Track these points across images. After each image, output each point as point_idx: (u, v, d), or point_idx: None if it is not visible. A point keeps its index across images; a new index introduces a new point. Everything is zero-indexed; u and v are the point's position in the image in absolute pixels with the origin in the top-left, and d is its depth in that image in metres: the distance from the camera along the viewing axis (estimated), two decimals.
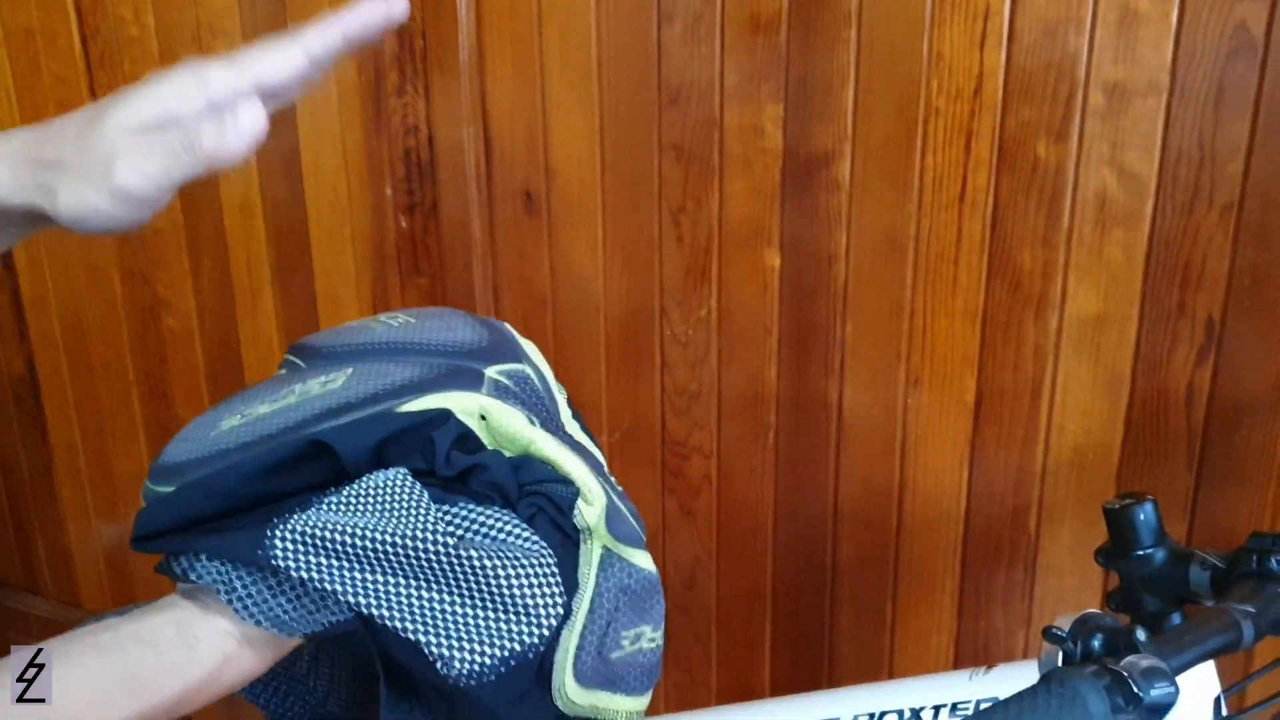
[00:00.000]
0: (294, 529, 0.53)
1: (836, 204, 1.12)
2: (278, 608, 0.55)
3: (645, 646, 0.66)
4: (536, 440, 0.61)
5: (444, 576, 0.54)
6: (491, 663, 0.55)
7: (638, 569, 0.65)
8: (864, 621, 1.25)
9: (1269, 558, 0.68)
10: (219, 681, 0.55)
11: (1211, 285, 0.99)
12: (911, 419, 1.15)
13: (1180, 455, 1.04)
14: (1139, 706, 0.52)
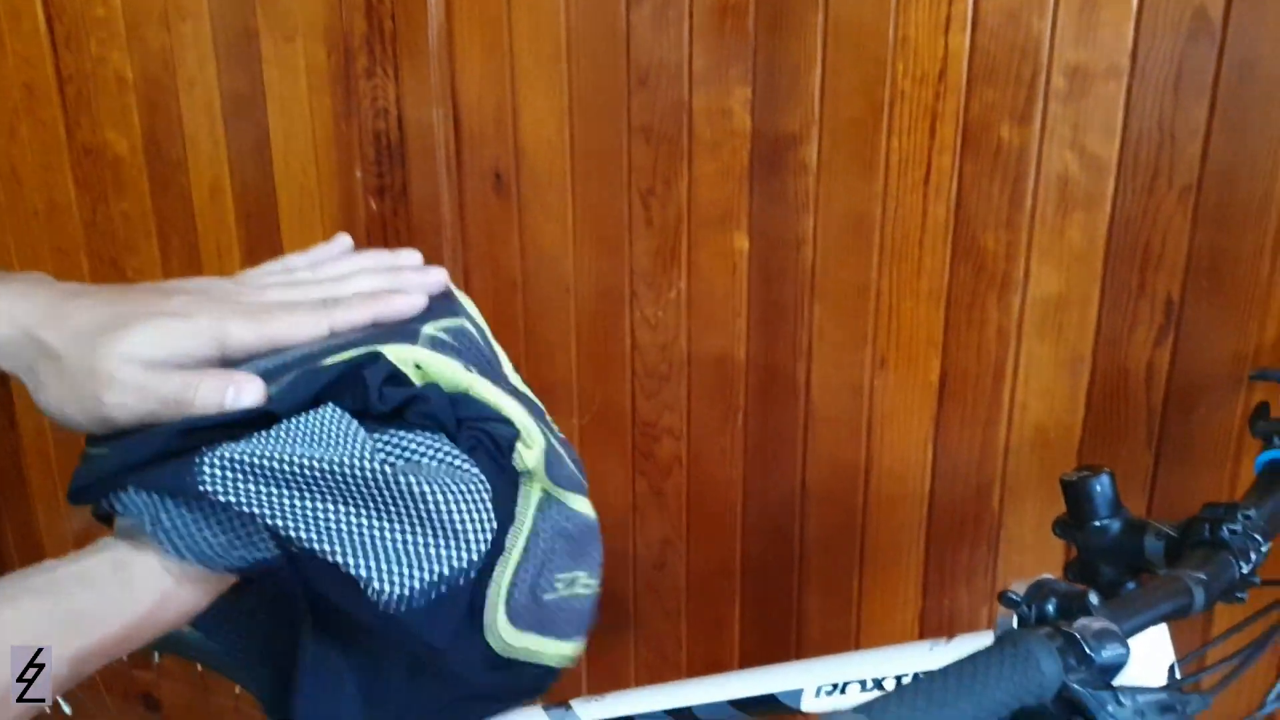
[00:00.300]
0: (222, 456, 0.53)
1: (804, 187, 1.13)
2: (203, 542, 0.55)
3: (580, 592, 0.67)
4: (475, 385, 0.60)
5: (374, 500, 0.54)
6: (421, 587, 0.54)
7: (576, 514, 0.66)
8: (831, 598, 1.26)
9: (1221, 527, 0.69)
10: (159, 619, 0.55)
11: (1171, 265, 1.01)
12: (878, 399, 1.17)
13: (1140, 433, 1.06)
14: (1090, 666, 0.54)
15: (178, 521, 0.54)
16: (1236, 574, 0.67)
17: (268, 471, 0.53)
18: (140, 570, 0.55)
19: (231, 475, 0.53)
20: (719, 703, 0.93)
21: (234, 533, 0.55)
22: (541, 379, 1.33)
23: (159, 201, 1.50)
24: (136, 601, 0.54)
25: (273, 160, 1.39)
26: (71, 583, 0.53)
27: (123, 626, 0.54)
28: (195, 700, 1.74)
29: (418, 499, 0.54)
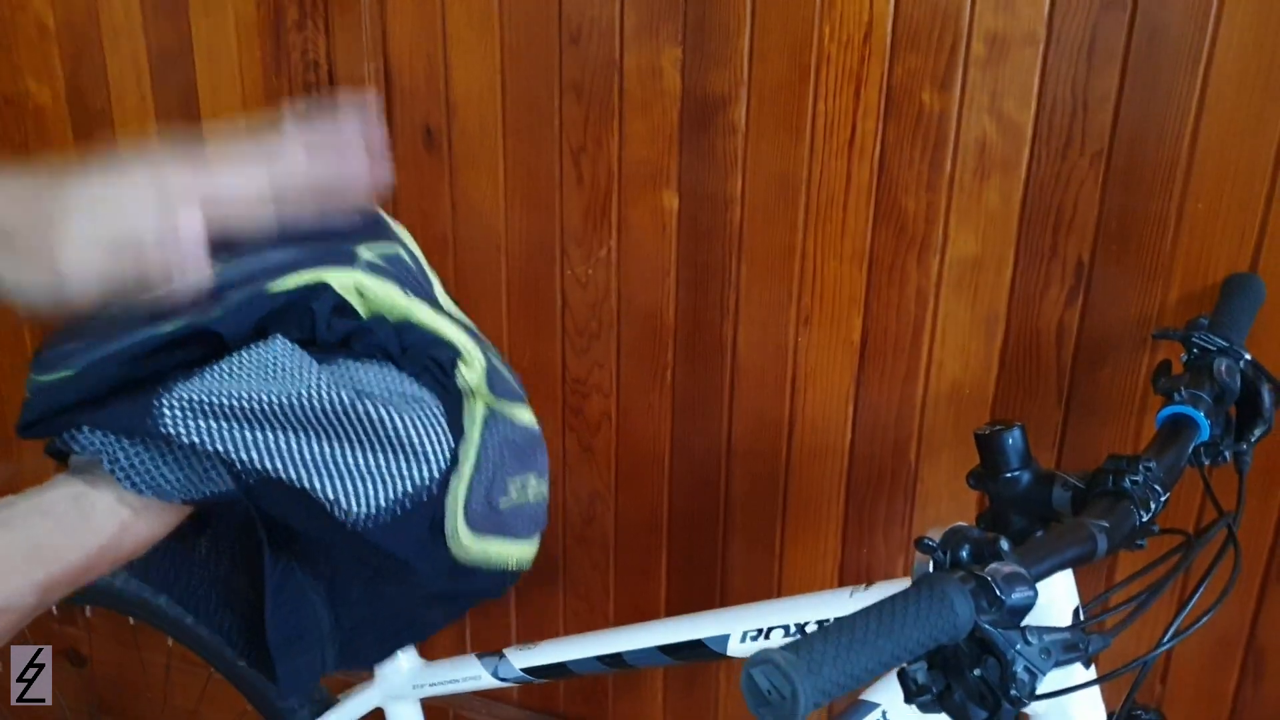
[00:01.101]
0: (180, 397, 0.54)
1: (732, 147, 1.15)
2: (160, 477, 0.57)
3: (531, 496, 0.70)
4: (415, 310, 0.63)
5: (334, 427, 0.57)
6: (387, 503, 0.57)
7: (520, 424, 0.68)
8: (755, 548, 1.30)
9: (1123, 478, 0.73)
10: (118, 548, 0.57)
11: (1081, 229, 1.05)
12: (801, 357, 1.20)
13: (1051, 389, 1.11)
14: (1001, 608, 0.57)
15: (135, 460, 0.56)
16: (1137, 522, 0.71)
17: (227, 410, 0.55)
18: (99, 502, 0.56)
19: (192, 415, 0.54)
20: (649, 649, 0.97)
21: (191, 469, 0.56)
22: None
23: (83, 153, 1.47)
24: (96, 532, 0.56)
25: (201, 112, 1.37)
26: (33, 515, 0.55)
27: (85, 555, 0.55)
28: (125, 656, 1.73)
29: (377, 424, 0.57)
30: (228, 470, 0.56)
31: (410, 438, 0.58)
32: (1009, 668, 0.58)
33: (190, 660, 1.33)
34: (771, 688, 0.50)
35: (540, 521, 0.72)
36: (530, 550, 0.71)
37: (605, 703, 1.48)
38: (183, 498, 0.57)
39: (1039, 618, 0.76)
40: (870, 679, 0.53)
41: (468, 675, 1.07)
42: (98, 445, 0.56)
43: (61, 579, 0.55)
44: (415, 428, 0.58)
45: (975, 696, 0.59)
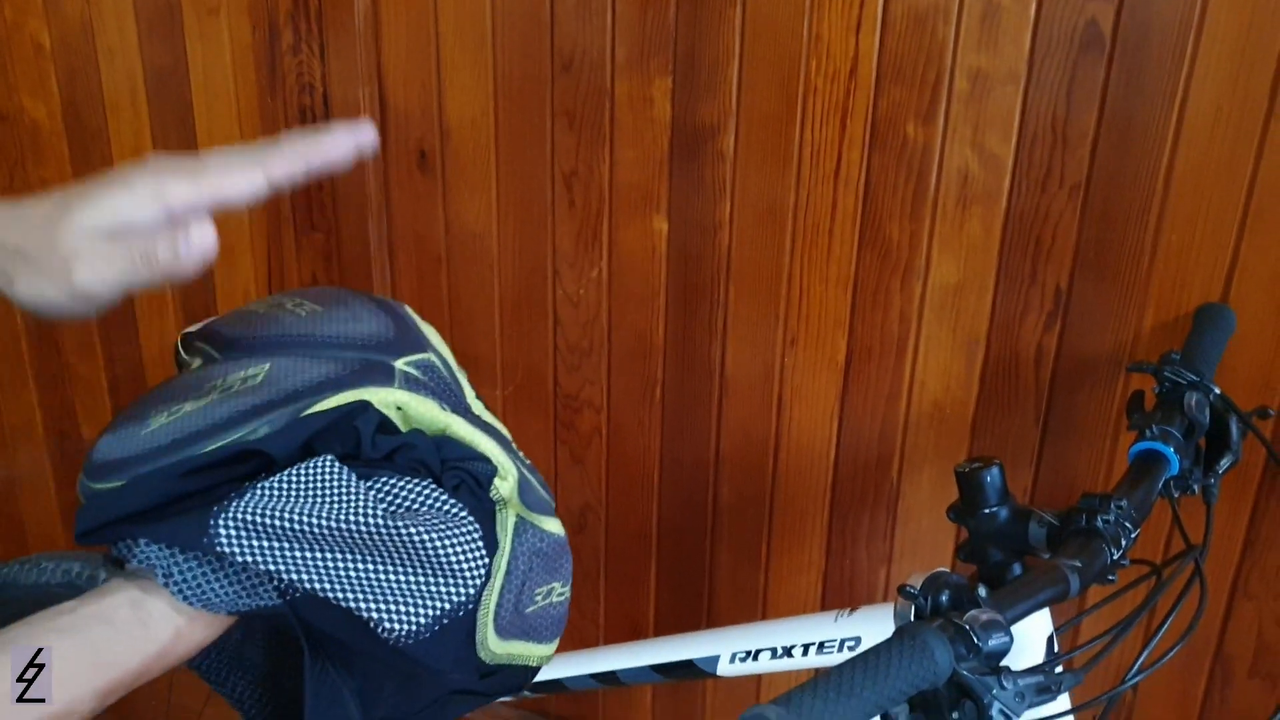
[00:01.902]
0: (235, 516, 0.57)
1: (721, 174, 1.18)
2: (210, 590, 0.59)
3: (555, 600, 0.73)
4: (453, 424, 0.66)
5: (378, 548, 0.59)
6: (426, 622, 0.60)
7: (548, 534, 0.71)
8: (741, 561, 1.34)
9: (1096, 517, 0.77)
10: (173, 653, 0.60)
11: (1060, 257, 1.09)
12: (788, 376, 1.23)
13: (1029, 411, 1.15)
14: (979, 654, 0.61)
15: (188, 573, 0.59)
16: (1109, 560, 0.75)
17: (278, 529, 0.57)
18: (156, 610, 0.59)
19: (245, 534, 0.57)
20: (641, 667, 1.00)
21: (240, 584, 0.59)
22: (465, 352, 1.37)
23: (80, 169, 1.49)
24: (153, 639, 0.59)
25: (196, 132, 1.39)
26: (94, 622, 0.58)
27: (142, 661, 0.58)
28: None
29: (418, 545, 0.60)
30: (274, 586, 0.59)
31: (450, 559, 0.61)
32: (985, 712, 0.61)
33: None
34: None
35: (561, 624, 0.75)
36: (551, 649, 0.74)
37: (596, 705, 1.52)
38: (231, 610, 0.60)
39: (1014, 649, 0.80)
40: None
41: None
42: (153, 558, 0.58)
43: (119, 684, 0.57)
44: (454, 548, 0.61)
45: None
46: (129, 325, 1.55)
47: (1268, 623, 1.14)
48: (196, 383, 0.66)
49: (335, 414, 0.62)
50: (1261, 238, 1.01)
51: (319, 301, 0.74)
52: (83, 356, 1.61)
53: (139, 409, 0.65)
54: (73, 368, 1.63)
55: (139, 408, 0.66)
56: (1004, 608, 0.65)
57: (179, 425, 0.62)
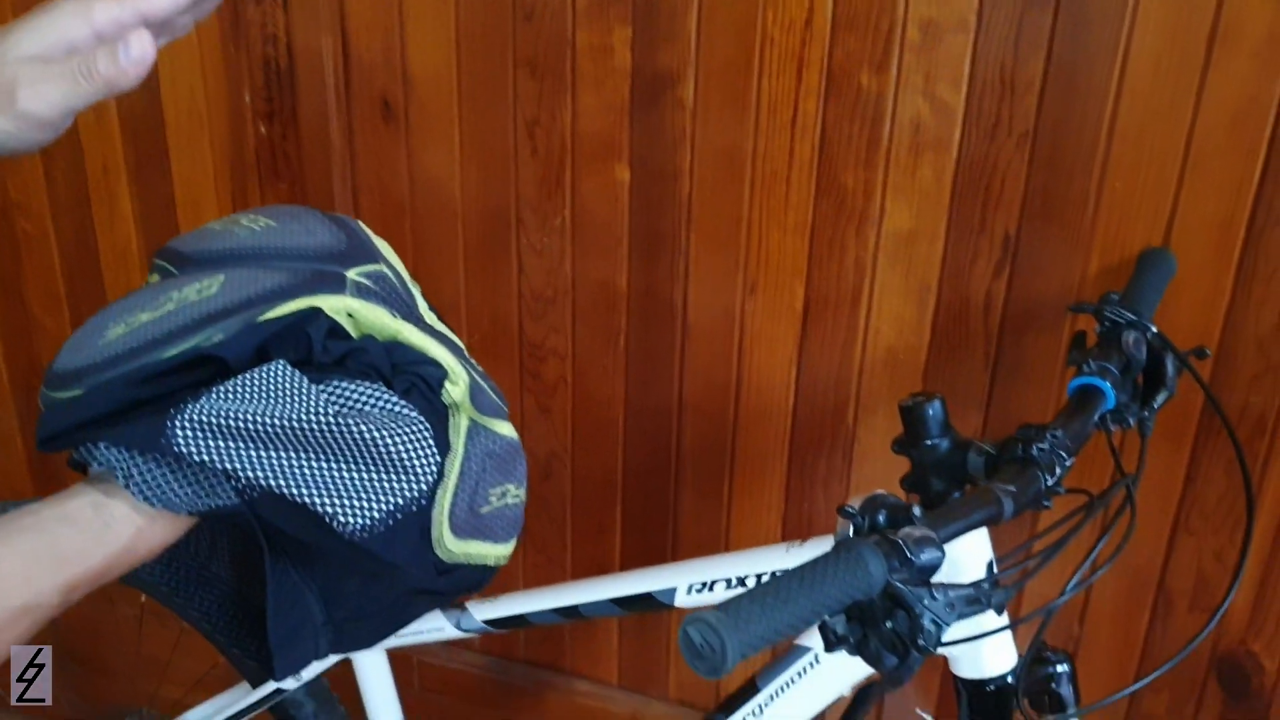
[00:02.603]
0: (191, 417, 0.60)
1: (681, 123, 1.20)
2: (169, 491, 0.62)
3: (510, 502, 0.76)
4: (403, 330, 0.68)
5: (331, 447, 0.62)
6: (380, 516, 0.63)
7: (500, 436, 0.74)
8: (704, 503, 1.37)
9: (1032, 445, 0.80)
10: (134, 552, 0.63)
11: (1008, 205, 1.12)
12: (748, 322, 1.26)
13: (978, 355, 1.18)
14: (911, 568, 0.64)
15: (147, 475, 0.61)
16: (1042, 486, 0.78)
17: (234, 430, 0.60)
18: (117, 511, 0.62)
19: (202, 435, 0.60)
20: (602, 601, 1.04)
21: (198, 484, 0.62)
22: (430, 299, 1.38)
23: None
24: (115, 538, 0.61)
25: (159, 82, 1.39)
26: (57, 523, 0.60)
27: (104, 559, 0.61)
28: (96, 609, 1.78)
29: (369, 443, 0.62)
30: (232, 485, 0.61)
31: (401, 456, 0.63)
32: (917, 620, 0.64)
33: (162, 613, 1.38)
34: (704, 642, 0.57)
35: (517, 525, 0.78)
36: (507, 550, 0.77)
37: (563, 648, 1.55)
38: (190, 510, 0.63)
39: (954, 573, 0.84)
40: (793, 633, 0.60)
41: (432, 627, 1.13)
42: (114, 461, 0.61)
43: (83, 580, 0.60)
44: (405, 446, 0.64)
45: (888, 645, 0.66)
46: (94, 278, 1.56)
47: (1207, 558, 1.18)
48: (153, 295, 0.68)
49: (287, 320, 0.64)
50: (1201, 184, 1.04)
51: (273, 217, 0.76)
52: (48, 309, 1.62)
53: (97, 321, 0.67)
54: (38, 320, 1.64)
55: (97, 319, 0.67)
56: (937, 526, 0.68)
57: (136, 334, 0.64)
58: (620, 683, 1.53)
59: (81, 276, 1.58)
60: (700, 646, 0.57)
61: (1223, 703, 1.24)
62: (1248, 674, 1.21)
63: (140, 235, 1.51)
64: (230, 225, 0.76)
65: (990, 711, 0.89)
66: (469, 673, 1.61)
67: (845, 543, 0.63)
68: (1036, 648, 0.93)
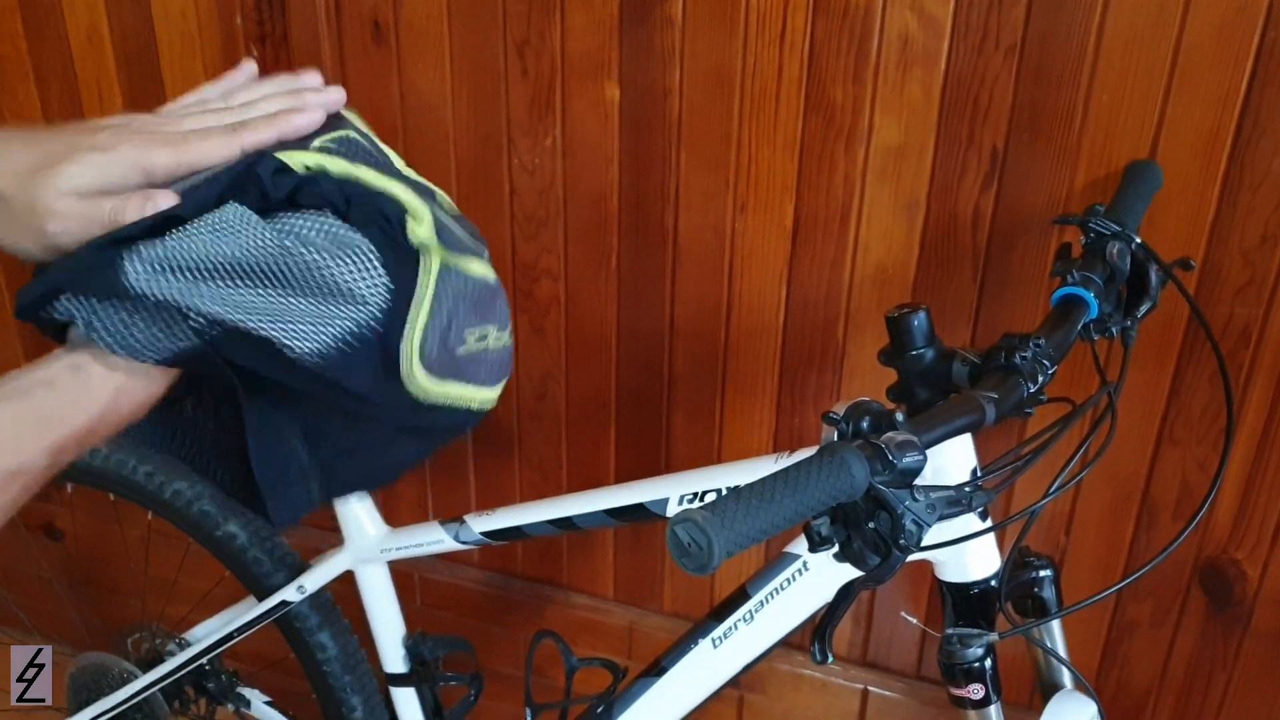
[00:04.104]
0: (143, 257, 0.61)
1: (670, 40, 1.20)
2: (131, 337, 0.63)
3: (492, 344, 0.77)
4: (358, 171, 0.68)
5: (276, 275, 0.63)
6: (328, 341, 0.65)
7: (474, 276, 0.74)
8: (696, 420, 1.39)
9: (1014, 354, 0.82)
10: (117, 411, 0.65)
11: (996, 119, 1.12)
12: (738, 241, 1.27)
13: (966, 269, 1.19)
14: (893, 471, 0.66)
15: (108, 322, 0.63)
16: (1024, 393, 0.80)
17: (184, 268, 0.62)
18: (95, 371, 0.64)
19: (154, 273, 0.62)
20: (596, 512, 1.06)
21: (157, 326, 0.63)
22: None
23: (34, 45, 1.48)
24: (96, 397, 0.64)
25: (151, 6, 1.39)
26: (38, 387, 0.62)
27: (88, 419, 0.63)
28: (103, 530, 1.81)
29: (313, 270, 0.64)
30: (190, 325, 0.63)
31: (345, 283, 0.64)
32: (899, 521, 0.67)
33: (169, 534, 1.41)
34: (691, 541, 0.59)
35: (503, 369, 0.79)
36: (491, 394, 0.77)
37: (560, 563, 1.59)
38: (155, 357, 0.64)
39: (938, 478, 0.86)
40: (777, 532, 0.62)
41: (431, 540, 1.16)
42: (75, 311, 0.62)
43: (70, 441, 0.62)
44: (350, 274, 0.64)
45: (871, 546, 0.69)
46: None
47: (1190, 468, 1.20)
48: None
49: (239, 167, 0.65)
50: (1187, 95, 1.05)
51: None
52: None
53: None
54: None
55: None
56: (919, 431, 0.70)
57: None
58: (616, 596, 1.57)
59: None
60: (688, 545, 0.59)
61: (1206, 611, 1.27)
62: (1230, 582, 1.24)
63: None
64: None
65: (974, 615, 0.92)
66: (470, 588, 1.64)
67: (829, 447, 0.65)
68: (1019, 551, 0.96)
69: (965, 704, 0.92)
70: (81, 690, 1.40)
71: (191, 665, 1.33)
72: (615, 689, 1.09)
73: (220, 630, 1.30)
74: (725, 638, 1.01)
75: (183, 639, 1.38)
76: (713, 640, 1.02)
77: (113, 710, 1.36)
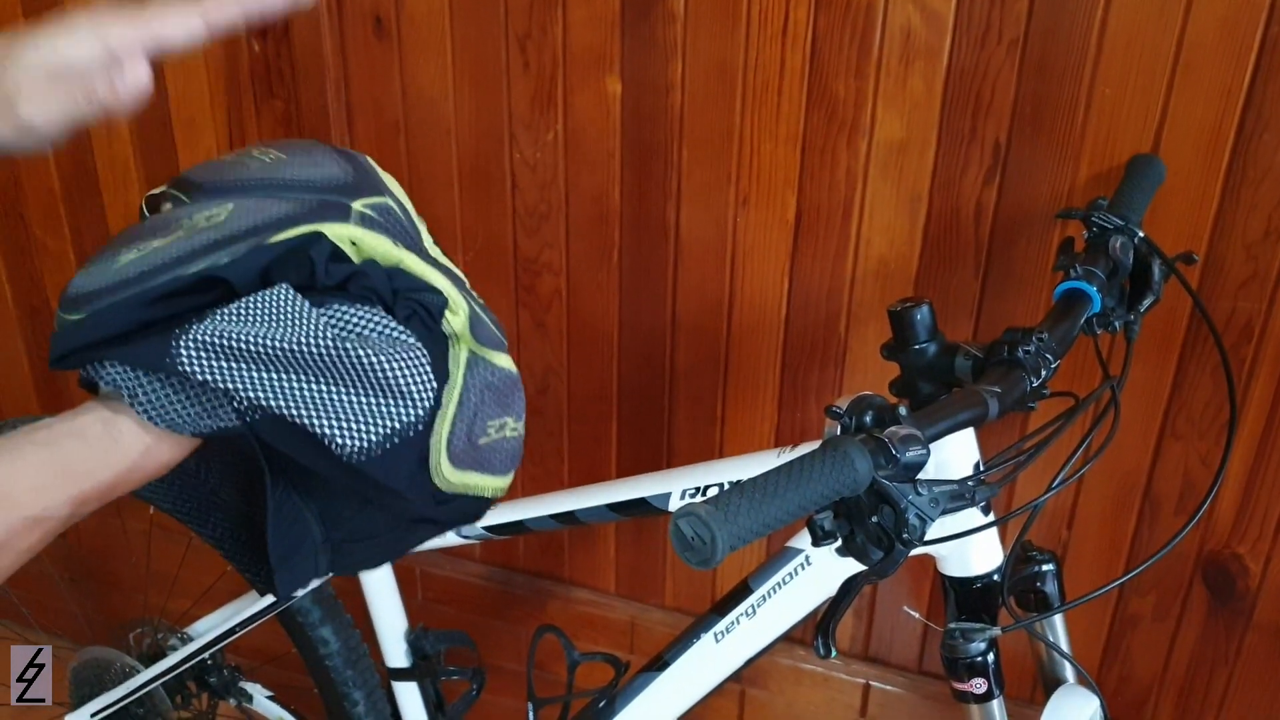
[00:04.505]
0: (195, 337, 0.61)
1: (672, 35, 1.20)
2: (173, 411, 0.64)
3: (509, 435, 0.78)
4: (405, 259, 0.70)
5: (330, 370, 0.64)
6: (377, 440, 0.65)
7: (500, 369, 0.76)
8: (698, 416, 1.39)
9: (1018, 348, 0.82)
10: (142, 469, 0.64)
11: (999, 113, 1.12)
12: (740, 236, 1.27)
13: (969, 264, 1.19)
14: (896, 465, 0.66)
15: (152, 394, 0.63)
16: (1027, 388, 0.80)
17: (236, 351, 0.62)
18: (125, 428, 0.64)
19: (205, 355, 0.61)
20: (598, 507, 1.06)
21: (201, 404, 0.64)
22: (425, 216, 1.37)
23: None
24: (123, 454, 0.64)
25: None
26: (68, 438, 0.62)
27: (113, 474, 0.63)
28: (106, 523, 1.81)
29: (368, 367, 0.64)
30: (234, 407, 0.63)
31: (398, 380, 0.65)
32: (902, 515, 0.67)
33: (171, 528, 1.42)
34: (694, 535, 0.59)
35: (515, 458, 0.80)
36: (505, 482, 0.79)
37: (562, 558, 1.59)
38: (193, 430, 0.64)
39: (941, 473, 0.86)
40: (780, 526, 0.62)
41: None
42: (120, 380, 0.62)
43: (92, 494, 0.62)
44: (402, 371, 0.65)
45: (874, 540, 0.69)
46: (94, 197, 1.57)
47: (1193, 462, 1.20)
48: (164, 223, 0.69)
49: (291, 243, 0.65)
50: (1190, 90, 1.05)
51: (284, 150, 0.77)
52: (49, 230, 1.63)
53: (110, 248, 0.69)
54: (40, 241, 1.64)
55: (110, 247, 0.69)
56: (923, 425, 0.69)
57: (147, 259, 0.66)
58: (618, 591, 1.57)
59: (80, 197, 1.58)
60: (691, 539, 0.59)
61: (1208, 605, 1.27)
62: (1233, 577, 1.24)
63: (137, 155, 1.51)
64: (242, 157, 0.78)
65: (976, 609, 0.92)
66: (471, 583, 1.64)
67: (832, 440, 0.65)
68: (1022, 545, 0.96)
69: (968, 698, 0.92)
70: (83, 685, 1.40)
71: (194, 660, 1.33)
72: (617, 683, 1.09)
73: (223, 625, 1.30)
74: (727, 632, 1.01)
75: (185, 634, 1.38)
76: (715, 635, 1.02)
77: (115, 705, 1.36)
